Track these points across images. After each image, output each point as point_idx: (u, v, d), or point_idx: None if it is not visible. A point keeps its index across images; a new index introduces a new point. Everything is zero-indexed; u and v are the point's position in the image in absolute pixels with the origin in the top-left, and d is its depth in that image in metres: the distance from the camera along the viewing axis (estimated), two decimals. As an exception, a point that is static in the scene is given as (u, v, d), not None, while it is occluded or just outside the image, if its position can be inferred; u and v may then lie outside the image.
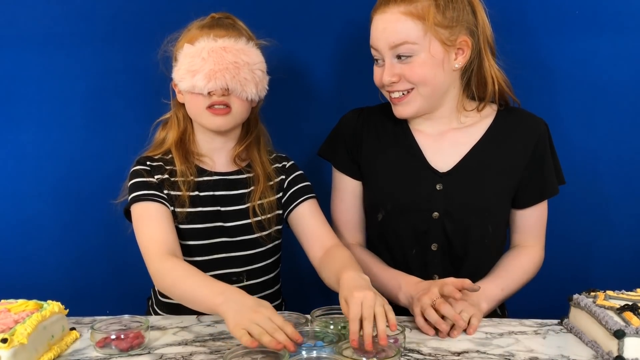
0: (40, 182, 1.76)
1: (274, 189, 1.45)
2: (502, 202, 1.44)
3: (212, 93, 1.33)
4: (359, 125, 1.51)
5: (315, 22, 1.72)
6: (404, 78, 1.36)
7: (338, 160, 1.53)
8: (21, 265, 1.77)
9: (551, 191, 1.46)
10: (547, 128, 1.45)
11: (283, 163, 1.49)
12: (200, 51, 1.32)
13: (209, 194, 1.41)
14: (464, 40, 1.36)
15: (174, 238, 1.34)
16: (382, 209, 1.46)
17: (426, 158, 1.44)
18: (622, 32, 1.68)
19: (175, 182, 1.39)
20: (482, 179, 1.41)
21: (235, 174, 1.44)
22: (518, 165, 1.42)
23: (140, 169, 1.40)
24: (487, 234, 1.43)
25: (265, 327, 1.07)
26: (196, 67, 1.32)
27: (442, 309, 1.22)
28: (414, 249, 1.45)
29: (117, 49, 1.71)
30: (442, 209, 1.41)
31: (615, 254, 1.77)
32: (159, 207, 1.35)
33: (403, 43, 1.33)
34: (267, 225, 1.43)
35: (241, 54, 1.34)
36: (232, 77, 1.32)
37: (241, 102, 1.37)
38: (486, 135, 1.44)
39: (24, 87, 1.72)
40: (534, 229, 1.47)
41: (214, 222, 1.41)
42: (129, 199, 1.37)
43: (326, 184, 1.57)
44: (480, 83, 1.43)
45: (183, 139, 1.44)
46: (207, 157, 1.44)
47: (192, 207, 1.39)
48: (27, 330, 1.05)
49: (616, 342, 1.06)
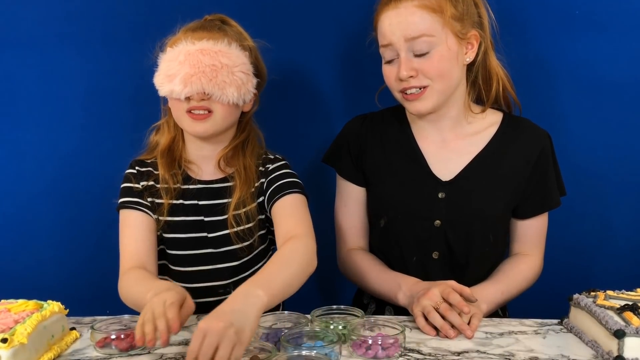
0: (40, 182, 1.76)
1: (254, 196, 1.40)
2: (503, 212, 1.44)
3: (190, 98, 1.30)
4: (363, 132, 1.50)
5: (318, 26, 1.72)
6: (422, 73, 1.34)
7: (342, 168, 1.52)
8: (21, 265, 1.77)
9: (552, 203, 1.46)
10: (550, 140, 1.45)
11: (267, 166, 1.42)
12: (178, 55, 1.29)
13: (192, 203, 1.39)
14: (474, 34, 1.36)
15: (147, 249, 1.34)
16: (385, 216, 1.46)
17: (429, 166, 1.44)
18: (622, 32, 1.68)
19: (159, 189, 1.38)
20: (485, 188, 1.41)
21: (219, 182, 1.41)
22: (520, 177, 1.42)
23: (129, 174, 1.41)
24: (488, 242, 1.43)
25: (154, 311, 1.03)
26: (173, 71, 1.28)
27: (448, 316, 1.21)
28: (414, 257, 1.44)
29: (117, 49, 1.71)
30: (444, 217, 1.40)
31: (616, 254, 1.77)
32: (138, 215, 1.36)
33: (421, 36, 1.31)
34: (248, 235, 1.39)
35: (220, 56, 1.29)
36: (209, 81, 1.27)
37: (223, 107, 1.31)
38: (490, 145, 1.43)
39: (24, 87, 1.72)
40: (534, 238, 1.47)
41: (198, 233, 1.39)
42: (118, 202, 1.39)
43: (329, 189, 1.57)
44: (486, 80, 1.43)
45: (171, 146, 1.42)
46: (194, 165, 1.41)
47: (175, 216, 1.38)
48: (27, 330, 1.05)
49: (616, 342, 1.06)
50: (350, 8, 1.68)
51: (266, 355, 1.05)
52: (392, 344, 1.12)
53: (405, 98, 1.38)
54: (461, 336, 1.21)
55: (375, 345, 1.11)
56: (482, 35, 1.38)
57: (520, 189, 1.42)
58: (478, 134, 1.45)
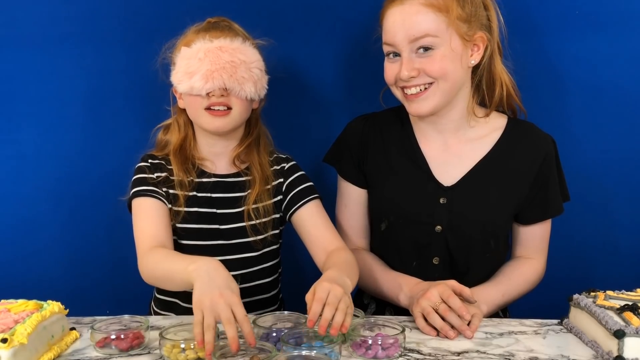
0: (40, 182, 1.75)
1: (271, 193, 1.45)
2: (505, 218, 1.43)
3: (210, 94, 1.34)
4: (365, 133, 1.49)
5: (319, 24, 1.71)
6: (424, 72, 1.33)
7: (344, 169, 1.51)
8: (21, 265, 1.77)
9: (555, 211, 1.45)
10: (555, 145, 1.44)
11: (282, 165, 1.48)
12: (197, 52, 1.33)
13: (206, 195, 1.42)
14: (481, 36, 1.35)
15: (165, 233, 1.36)
16: (386, 220, 1.45)
17: (431, 170, 1.43)
18: (622, 32, 1.68)
19: (173, 181, 1.40)
20: (487, 194, 1.40)
21: (234, 176, 1.45)
22: (523, 183, 1.41)
23: (142, 166, 1.42)
24: (489, 248, 1.42)
25: (221, 315, 1.06)
26: (193, 69, 1.32)
27: (448, 317, 1.21)
28: (414, 262, 1.44)
29: (117, 50, 1.71)
30: (445, 222, 1.40)
31: (615, 254, 1.77)
32: (154, 202, 1.37)
33: (425, 35, 1.30)
34: (262, 229, 1.42)
35: (237, 52, 1.34)
36: (230, 76, 1.32)
37: (241, 102, 1.37)
38: (493, 150, 1.42)
39: (24, 87, 1.72)
40: (536, 243, 1.47)
41: (210, 224, 1.41)
42: (130, 193, 1.40)
43: (330, 188, 1.57)
44: (490, 84, 1.41)
45: (183, 145, 1.44)
46: (207, 161, 1.45)
47: (188, 207, 1.40)
48: (27, 330, 1.05)
49: (616, 342, 1.06)
50: (353, 6, 1.68)
51: (266, 355, 1.05)
52: (392, 344, 1.12)
53: (406, 97, 1.38)
54: (461, 336, 1.21)
55: (375, 345, 1.11)
56: (490, 38, 1.37)
57: (523, 195, 1.41)
58: (481, 138, 1.43)
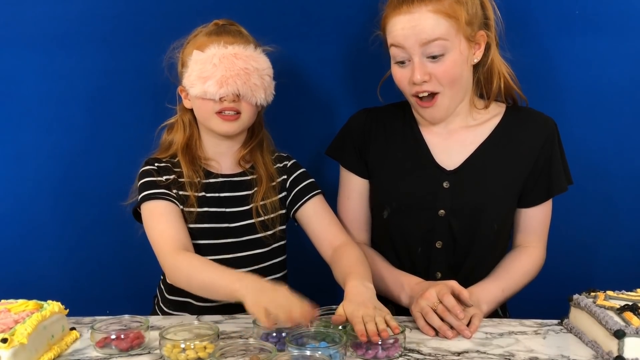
0: (41, 182, 1.75)
1: (276, 189, 1.48)
2: (508, 200, 1.44)
3: (223, 99, 1.36)
4: (367, 123, 1.51)
5: (321, 22, 1.71)
6: (435, 78, 1.34)
7: (346, 159, 1.53)
8: (21, 265, 1.77)
9: (558, 189, 1.44)
10: (556, 127, 1.44)
11: (284, 162, 1.51)
12: (211, 58, 1.35)
13: (214, 195, 1.43)
14: (481, 34, 1.37)
15: (185, 234, 1.37)
16: (388, 207, 1.46)
17: (433, 156, 1.44)
18: (622, 32, 1.68)
19: (182, 183, 1.41)
20: (489, 177, 1.41)
21: (239, 175, 1.47)
22: (526, 164, 1.42)
23: (149, 169, 1.42)
24: (492, 232, 1.42)
25: (283, 304, 1.12)
26: (207, 74, 1.34)
27: (446, 317, 1.22)
28: (419, 248, 1.44)
29: (118, 50, 1.71)
30: (449, 207, 1.40)
31: (616, 254, 1.77)
32: (168, 204, 1.38)
33: (436, 39, 1.31)
34: (271, 225, 1.45)
35: (251, 60, 1.37)
36: (243, 83, 1.35)
37: (250, 108, 1.40)
38: (494, 134, 1.44)
39: (24, 87, 1.72)
40: (537, 229, 1.47)
41: (220, 223, 1.43)
42: (139, 198, 1.39)
43: (330, 184, 1.57)
44: (487, 76, 1.43)
45: (189, 144, 1.46)
46: (213, 161, 1.46)
47: (199, 208, 1.41)
48: (27, 330, 1.05)
49: (616, 342, 1.06)
50: (352, 4, 1.68)
51: (266, 355, 1.05)
52: (392, 344, 1.12)
53: (419, 104, 1.39)
54: (461, 336, 1.21)
55: (375, 345, 1.11)
56: (489, 35, 1.39)
57: (526, 176, 1.42)
58: (483, 123, 1.45)
